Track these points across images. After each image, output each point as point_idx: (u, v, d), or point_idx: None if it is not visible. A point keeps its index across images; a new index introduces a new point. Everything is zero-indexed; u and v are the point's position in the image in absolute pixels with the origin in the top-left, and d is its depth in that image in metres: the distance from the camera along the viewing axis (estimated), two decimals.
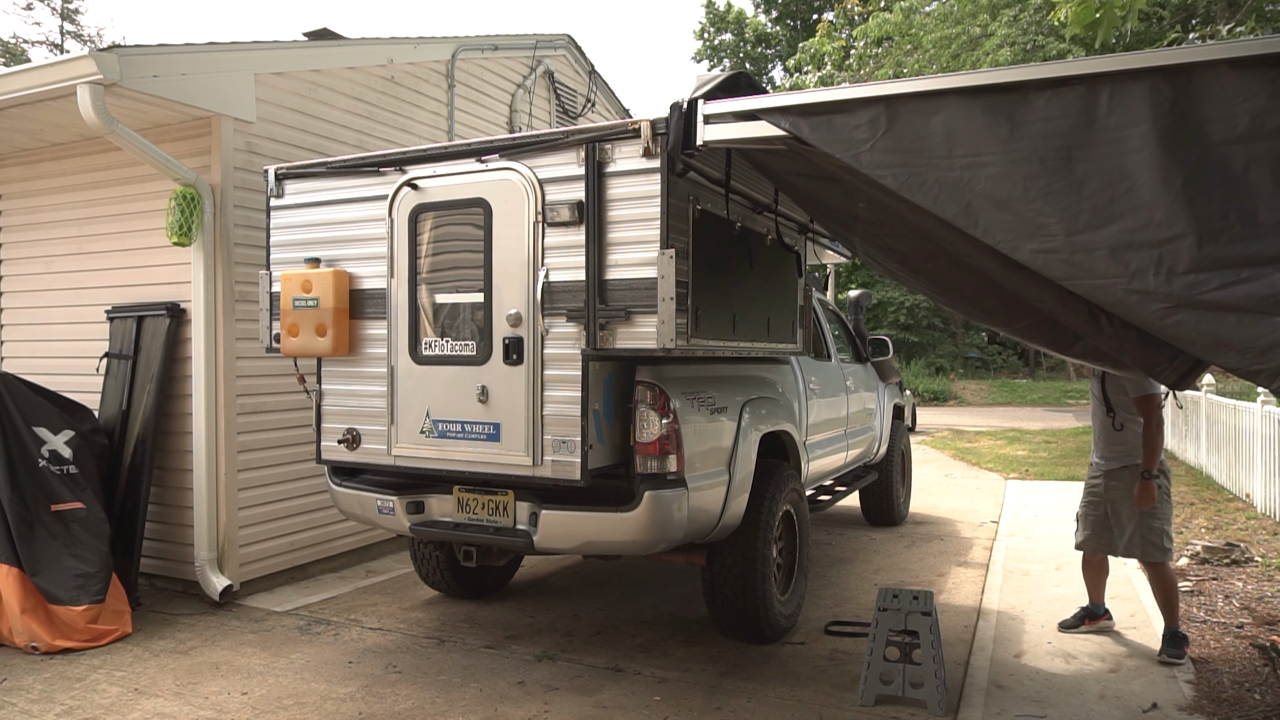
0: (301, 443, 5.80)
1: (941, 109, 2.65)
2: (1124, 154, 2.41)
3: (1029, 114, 2.53)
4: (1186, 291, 2.36)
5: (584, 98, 9.47)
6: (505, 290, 4.04)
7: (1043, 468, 11.68)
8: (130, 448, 5.51)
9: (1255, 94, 2.25)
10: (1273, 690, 4.06)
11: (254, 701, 3.99)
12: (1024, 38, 14.68)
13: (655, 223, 3.67)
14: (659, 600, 5.56)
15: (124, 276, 5.85)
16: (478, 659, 4.52)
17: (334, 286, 4.39)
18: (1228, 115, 2.29)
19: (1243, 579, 5.93)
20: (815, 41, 19.85)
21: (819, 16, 29.99)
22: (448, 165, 4.18)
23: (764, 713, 3.84)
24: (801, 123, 2.92)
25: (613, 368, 4.04)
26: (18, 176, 6.36)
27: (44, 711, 3.91)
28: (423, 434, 4.27)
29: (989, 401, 26.32)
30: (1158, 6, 14.24)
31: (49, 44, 31.22)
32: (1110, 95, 2.42)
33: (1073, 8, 5.77)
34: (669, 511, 3.93)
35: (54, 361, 6.18)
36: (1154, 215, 2.38)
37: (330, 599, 5.59)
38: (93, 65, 4.64)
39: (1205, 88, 2.32)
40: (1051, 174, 2.51)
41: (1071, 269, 2.51)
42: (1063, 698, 4.01)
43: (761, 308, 4.67)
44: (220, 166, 5.40)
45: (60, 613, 4.69)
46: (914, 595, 3.99)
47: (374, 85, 6.62)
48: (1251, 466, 8.56)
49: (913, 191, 2.69)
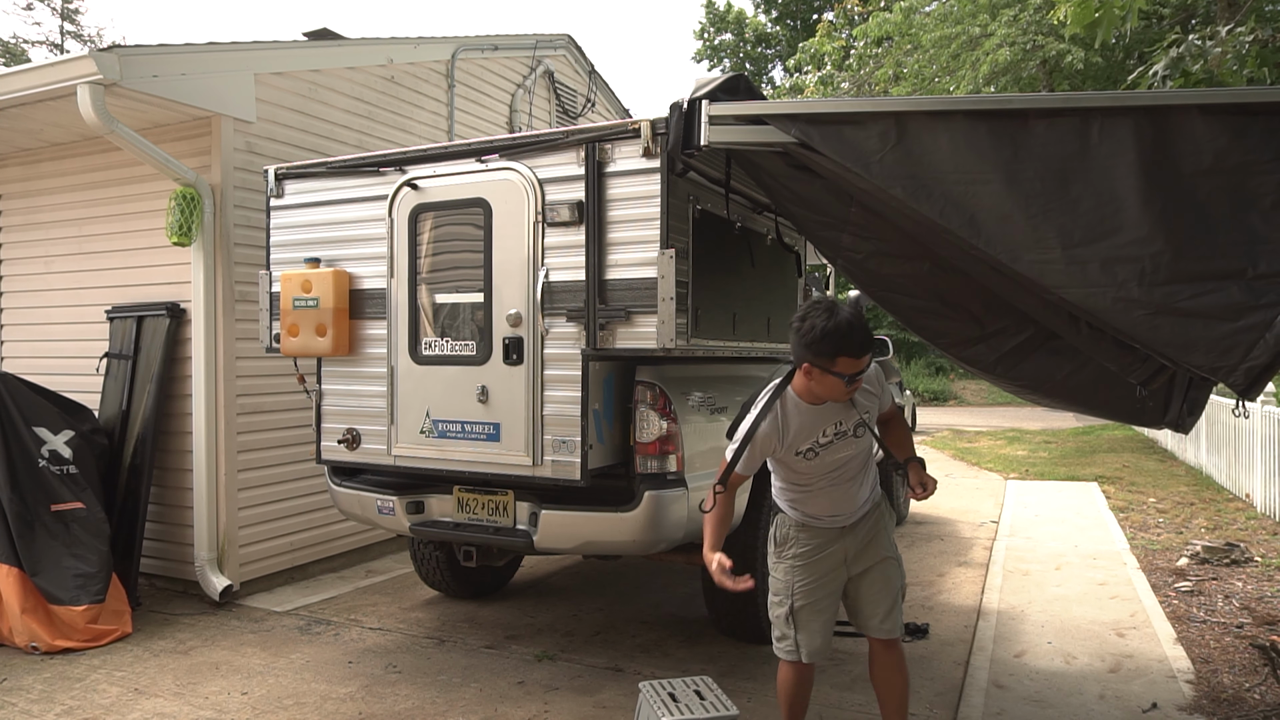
0: (301, 443, 5.80)
1: (949, 128, 2.86)
2: (1113, 179, 2.70)
3: (1030, 139, 2.78)
4: (1165, 300, 2.66)
5: (584, 98, 9.47)
6: (505, 290, 4.04)
7: (1043, 468, 11.68)
8: (130, 448, 5.51)
9: (1218, 136, 2.59)
10: (1273, 690, 4.06)
11: (254, 701, 3.99)
12: (1024, 38, 14.68)
13: (655, 223, 3.68)
14: (659, 600, 5.56)
15: (124, 276, 5.85)
16: (478, 659, 4.52)
17: (334, 286, 4.39)
18: (1196, 152, 2.62)
19: (1243, 579, 5.94)
20: (815, 41, 19.86)
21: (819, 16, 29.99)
22: (448, 165, 4.18)
23: (764, 713, 3.84)
24: (811, 131, 3.04)
25: (613, 368, 4.04)
26: (18, 176, 6.36)
27: (44, 711, 3.91)
28: (423, 434, 4.27)
29: (989, 401, 26.32)
30: (1158, 6, 14.25)
31: (49, 44, 31.20)
32: (1101, 127, 2.71)
33: (1072, 7, 5.76)
34: (669, 511, 3.93)
35: (54, 361, 6.18)
36: (1138, 233, 2.68)
37: (330, 599, 5.59)
38: (93, 65, 4.64)
39: (1179, 127, 2.63)
40: (1050, 193, 2.76)
41: (1066, 278, 2.74)
42: (1063, 698, 4.01)
43: (761, 308, 4.67)
44: (220, 166, 5.40)
45: (60, 613, 4.69)
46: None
47: (374, 85, 6.62)
48: (1251, 466, 8.57)
49: (920, 203, 2.87)
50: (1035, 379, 3.97)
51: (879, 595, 3.13)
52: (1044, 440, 15.18)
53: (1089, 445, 14.18)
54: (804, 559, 3.10)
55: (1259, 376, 2.62)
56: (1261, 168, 2.57)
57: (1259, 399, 8.40)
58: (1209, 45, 5.94)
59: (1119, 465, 11.76)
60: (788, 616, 3.12)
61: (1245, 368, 2.61)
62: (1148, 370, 3.53)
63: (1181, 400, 3.89)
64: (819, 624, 3.12)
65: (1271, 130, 2.56)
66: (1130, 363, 3.48)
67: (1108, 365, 3.57)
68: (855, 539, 3.11)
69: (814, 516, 3.09)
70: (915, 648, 4.65)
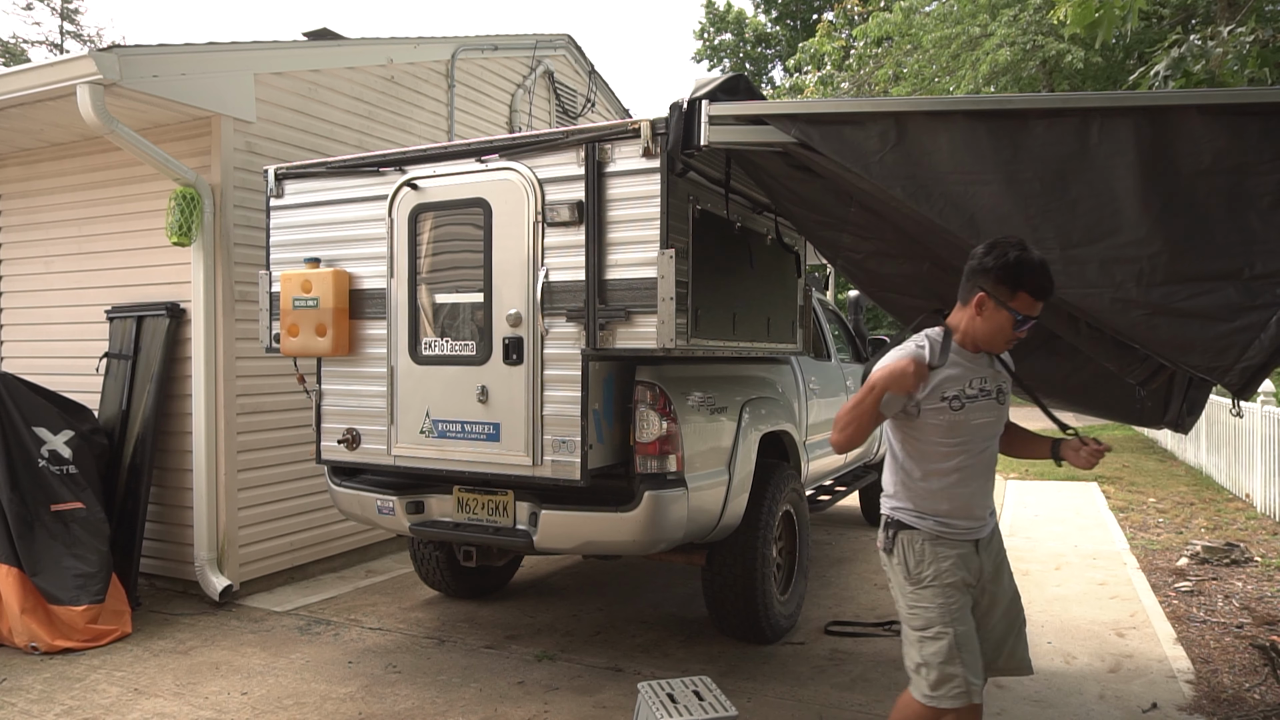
0: (301, 443, 5.80)
1: (949, 128, 2.86)
2: (1112, 179, 2.71)
3: (1029, 139, 2.78)
4: (1163, 300, 2.68)
5: (584, 98, 9.48)
6: (505, 290, 4.04)
7: (1043, 467, 11.68)
8: (130, 448, 5.51)
9: (1217, 136, 2.60)
10: (1273, 690, 4.06)
11: (254, 701, 3.99)
12: (1024, 38, 14.68)
13: (655, 223, 3.68)
14: (659, 600, 5.57)
15: (124, 276, 5.85)
16: (478, 659, 4.52)
17: (334, 286, 4.39)
18: (1195, 152, 2.63)
19: (1243, 579, 5.94)
20: (815, 41, 19.88)
21: (819, 16, 29.98)
22: (448, 165, 4.18)
23: (764, 713, 3.84)
24: (811, 131, 3.04)
25: (613, 368, 4.04)
26: (18, 176, 6.36)
27: (44, 711, 3.91)
28: (423, 434, 4.27)
29: None
30: (1158, 6, 14.25)
31: (49, 44, 31.19)
32: (1100, 127, 2.71)
33: (1072, 7, 5.76)
34: (669, 511, 3.93)
35: (54, 361, 6.18)
36: (1136, 234, 2.69)
37: (330, 599, 5.60)
38: (93, 65, 4.64)
39: (1178, 127, 2.65)
40: (1049, 194, 2.77)
41: (1065, 279, 2.73)
42: (1063, 698, 4.01)
43: (761, 307, 4.68)
44: (220, 166, 5.40)
45: (60, 613, 4.69)
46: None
47: (374, 85, 6.63)
48: (1251, 466, 8.57)
49: (920, 203, 2.88)
50: (1035, 379, 3.98)
51: (1012, 626, 2.80)
52: None
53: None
54: (950, 574, 2.65)
55: (1254, 376, 2.63)
56: (1260, 168, 2.58)
57: (1259, 399, 8.41)
58: (1210, 46, 5.93)
59: (1119, 465, 11.76)
60: (952, 648, 2.58)
61: (1240, 367, 2.62)
62: (1146, 370, 3.55)
63: (1181, 400, 3.90)
64: (974, 652, 2.64)
65: (1270, 130, 2.57)
66: (1129, 363, 3.50)
67: (1107, 365, 3.58)
68: (989, 558, 2.75)
69: (947, 522, 2.68)
70: None
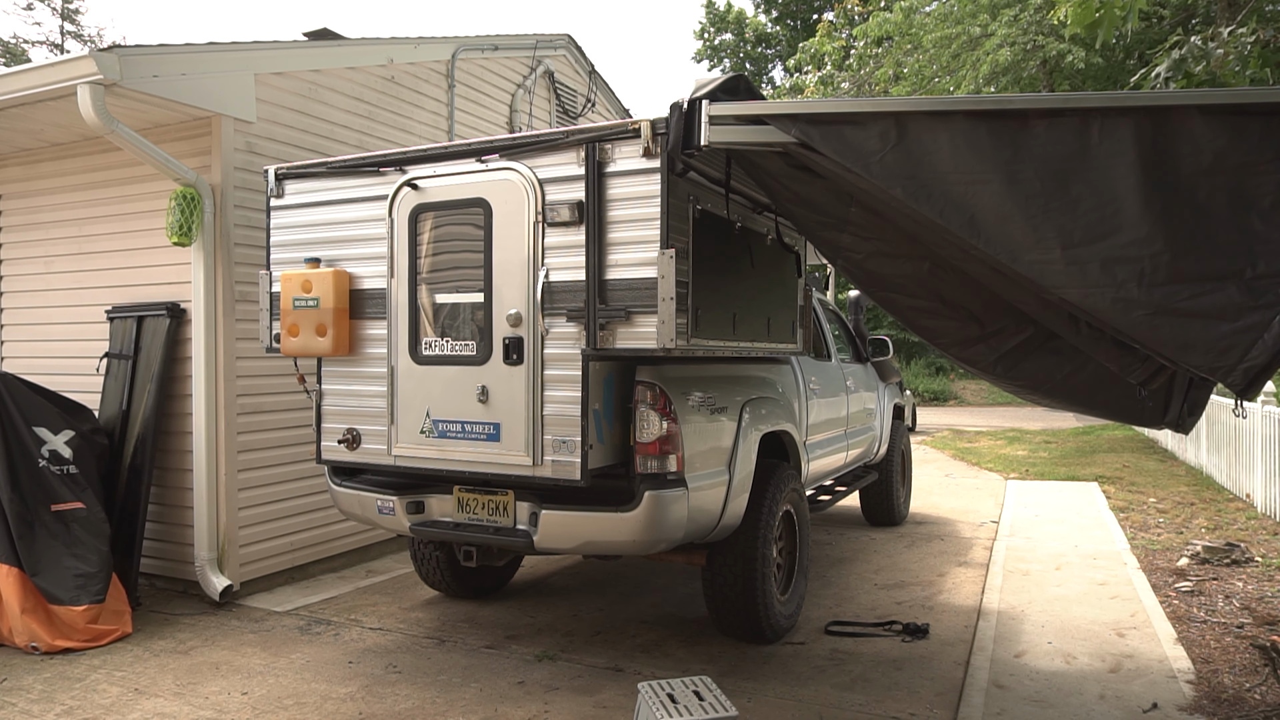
0: (301, 443, 5.80)
1: (949, 128, 2.86)
2: (1113, 179, 2.71)
3: (1030, 139, 2.78)
4: (1165, 300, 2.68)
5: (584, 98, 9.47)
6: (505, 290, 4.04)
7: (1043, 468, 11.68)
8: (130, 448, 5.51)
9: (1218, 136, 2.60)
10: (1273, 690, 4.06)
11: (254, 701, 3.99)
12: (1024, 38, 14.69)
13: (655, 223, 3.67)
14: (659, 600, 5.56)
15: (124, 276, 5.85)
16: (478, 659, 4.52)
17: (334, 286, 4.39)
18: (1196, 152, 2.63)
19: (1243, 579, 5.93)
20: (815, 41, 19.88)
21: (819, 16, 29.99)
22: (448, 165, 4.18)
23: (764, 713, 3.84)
24: (811, 131, 3.04)
25: (613, 368, 4.04)
26: (18, 176, 6.36)
27: (44, 711, 3.91)
28: (423, 434, 4.27)
29: (989, 401, 26.33)
30: (1158, 6, 14.25)
31: (49, 44, 31.22)
32: (1101, 127, 2.71)
33: (1073, 8, 5.77)
34: (669, 511, 3.93)
35: (54, 361, 6.18)
36: (1138, 233, 2.69)
37: (330, 599, 5.59)
38: (93, 65, 4.64)
39: (1179, 127, 2.64)
40: (1050, 193, 2.77)
41: (1066, 279, 2.75)
42: (1063, 698, 4.01)
43: (761, 308, 4.67)
44: (220, 166, 5.40)
45: (60, 613, 4.69)
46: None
47: (374, 85, 6.62)
48: (1251, 466, 8.57)
49: (920, 203, 2.88)
50: (1035, 379, 3.99)
51: None
52: (1044, 440, 15.18)
53: (1089, 445, 14.18)
54: None
55: (1257, 376, 2.63)
56: (1261, 168, 2.58)
57: (1259, 399, 8.41)
58: (1211, 46, 5.93)
59: (1119, 465, 11.76)
60: None
61: (1243, 368, 2.62)
62: (1147, 370, 3.55)
63: (1182, 400, 3.91)
64: None
65: (1271, 130, 2.57)
66: (1130, 363, 3.51)
67: (1107, 365, 3.59)
68: None
69: None
70: (915, 648, 4.66)
